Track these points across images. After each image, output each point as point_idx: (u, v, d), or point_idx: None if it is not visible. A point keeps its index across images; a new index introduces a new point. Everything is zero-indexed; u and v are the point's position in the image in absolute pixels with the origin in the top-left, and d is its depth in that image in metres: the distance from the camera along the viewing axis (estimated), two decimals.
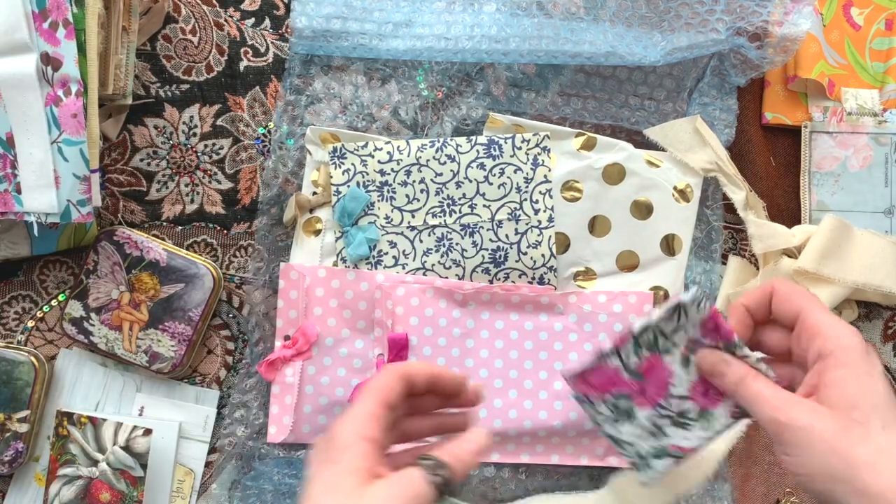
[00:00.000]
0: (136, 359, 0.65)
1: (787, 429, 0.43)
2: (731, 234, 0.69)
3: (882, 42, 0.69)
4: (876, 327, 0.68)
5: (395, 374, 0.48)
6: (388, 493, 0.43)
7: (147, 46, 0.68)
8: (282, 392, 0.65)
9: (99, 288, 0.65)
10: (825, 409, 0.43)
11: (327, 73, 0.68)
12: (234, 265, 0.68)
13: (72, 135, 0.59)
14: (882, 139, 0.68)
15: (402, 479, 0.44)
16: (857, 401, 0.43)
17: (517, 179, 0.66)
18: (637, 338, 0.51)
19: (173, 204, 0.68)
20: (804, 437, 0.43)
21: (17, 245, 0.65)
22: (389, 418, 0.47)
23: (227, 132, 0.68)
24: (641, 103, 0.68)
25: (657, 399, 0.52)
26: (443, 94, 0.67)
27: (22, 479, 0.65)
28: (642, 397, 0.52)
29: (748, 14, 0.64)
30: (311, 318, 0.65)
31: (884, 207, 0.68)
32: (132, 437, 0.62)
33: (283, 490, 0.64)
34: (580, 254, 0.66)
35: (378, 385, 0.47)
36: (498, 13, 0.65)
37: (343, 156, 0.66)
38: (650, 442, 0.53)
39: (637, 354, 0.51)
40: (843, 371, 0.43)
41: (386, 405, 0.47)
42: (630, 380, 0.52)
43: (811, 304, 0.46)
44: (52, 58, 0.58)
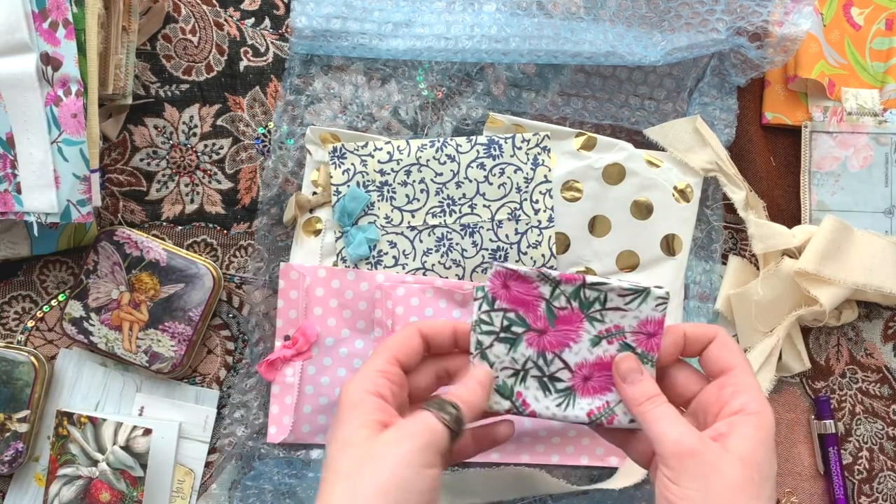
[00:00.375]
0: (136, 359, 0.65)
1: (694, 459, 0.43)
2: (731, 234, 0.69)
3: (882, 42, 0.69)
4: (876, 327, 0.68)
5: (410, 330, 0.47)
6: (400, 437, 0.43)
7: (147, 46, 0.68)
8: (282, 392, 0.65)
9: (99, 288, 0.65)
10: (733, 456, 0.43)
11: (327, 73, 0.68)
12: (234, 265, 0.68)
13: (72, 135, 0.59)
14: (882, 139, 0.68)
15: (414, 422, 0.43)
16: (761, 464, 0.43)
17: (517, 179, 0.66)
18: (584, 287, 0.49)
19: (173, 204, 0.68)
20: (707, 472, 0.42)
21: (17, 245, 0.65)
22: (400, 375, 0.46)
23: (227, 132, 0.68)
24: (641, 103, 0.68)
25: (547, 349, 0.50)
26: (443, 94, 0.67)
27: (22, 479, 0.66)
28: (537, 337, 0.50)
29: (748, 14, 0.64)
30: (311, 318, 0.65)
31: (884, 207, 0.68)
32: (132, 437, 0.62)
33: (283, 490, 0.64)
34: (580, 254, 0.66)
35: (391, 341, 0.47)
36: (498, 13, 0.65)
37: (343, 156, 0.66)
38: (506, 376, 0.51)
39: (569, 301, 0.50)
40: (759, 433, 0.44)
41: (397, 361, 0.46)
42: (541, 315, 0.50)
43: (746, 365, 0.47)
44: (52, 58, 0.58)
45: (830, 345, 0.68)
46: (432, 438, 0.43)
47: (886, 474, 0.67)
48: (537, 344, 0.50)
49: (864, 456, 0.68)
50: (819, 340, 0.68)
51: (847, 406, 0.68)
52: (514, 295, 0.50)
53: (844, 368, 0.68)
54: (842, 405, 0.68)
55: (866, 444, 0.68)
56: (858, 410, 0.68)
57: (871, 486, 0.67)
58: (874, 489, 0.67)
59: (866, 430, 0.68)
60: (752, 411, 0.45)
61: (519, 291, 0.50)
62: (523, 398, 0.50)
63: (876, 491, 0.67)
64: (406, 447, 0.42)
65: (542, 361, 0.50)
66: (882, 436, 0.68)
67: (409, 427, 0.43)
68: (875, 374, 0.68)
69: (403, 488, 0.41)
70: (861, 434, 0.68)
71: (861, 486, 0.67)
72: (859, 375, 0.68)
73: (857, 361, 0.68)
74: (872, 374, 0.68)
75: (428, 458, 0.42)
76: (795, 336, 0.67)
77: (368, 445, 0.43)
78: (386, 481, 0.41)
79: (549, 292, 0.50)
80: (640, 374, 0.48)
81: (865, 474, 0.67)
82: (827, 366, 0.68)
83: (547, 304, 0.50)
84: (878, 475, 0.67)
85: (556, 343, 0.50)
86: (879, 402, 0.68)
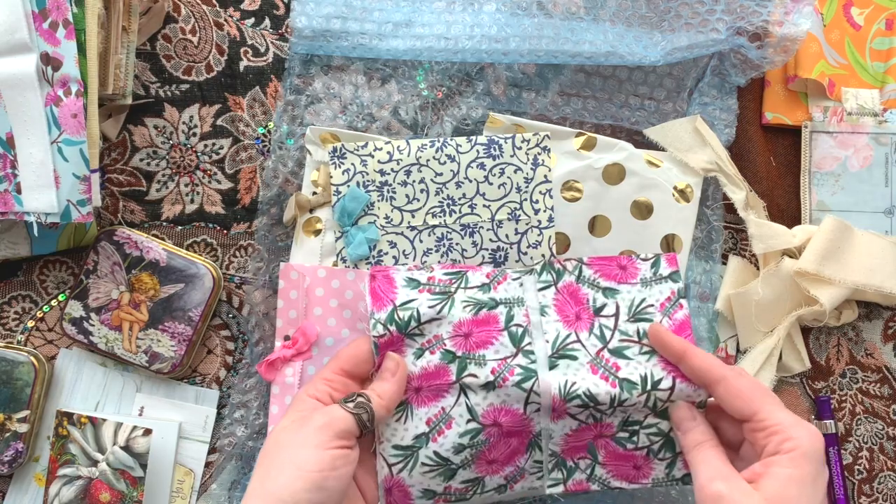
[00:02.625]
0: (136, 359, 0.65)
1: (722, 500, 0.45)
2: (731, 234, 0.69)
3: (882, 42, 0.69)
4: (876, 327, 0.68)
5: (360, 341, 0.56)
6: (297, 423, 0.51)
7: (147, 46, 0.68)
8: (282, 392, 0.65)
9: (99, 288, 0.65)
10: (759, 496, 0.45)
11: (327, 73, 0.68)
12: (234, 265, 0.68)
13: (72, 135, 0.59)
14: (882, 139, 0.68)
15: (325, 412, 0.51)
16: (790, 500, 0.44)
17: (517, 179, 0.66)
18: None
19: (173, 204, 0.68)
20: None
21: (17, 245, 0.65)
22: (344, 382, 0.55)
23: (226, 132, 0.68)
24: (641, 103, 0.68)
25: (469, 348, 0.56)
26: (443, 94, 0.67)
27: (22, 479, 0.65)
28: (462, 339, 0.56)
29: (748, 14, 0.64)
30: (311, 318, 0.65)
31: (884, 207, 0.68)
32: (132, 438, 0.62)
33: None
34: (580, 253, 0.66)
35: (341, 352, 0.56)
36: (498, 13, 0.65)
37: (343, 156, 0.66)
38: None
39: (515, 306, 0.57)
40: (791, 471, 0.45)
41: (342, 370, 0.55)
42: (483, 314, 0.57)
43: (771, 403, 0.49)
44: (52, 58, 0.58)
45: (830, 345, 0.68)
46: (327, 422, 0.50)
47: (886, 474, 0.67)
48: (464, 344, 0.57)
49: (865, 456, 0.68)
50: (819, 340, 0.68)
51: (847, 406, 0.68)
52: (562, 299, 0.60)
53: (844, 368, 0.68)
54: (842, 405, 0.68)
55: (866, 444, 0.68)
56: (858, 410, 0.68)
57: (871, 486, 0.67)
58: (874, 489, 0.67)
59: (866, 430, 0.68)
60: (786, 449, 0.46)
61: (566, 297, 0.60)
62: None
63: (876, 491, 0.67)
64: (301, 432, 0.50)
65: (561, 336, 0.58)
66: (882, 436, 0.68)
67: (314, 416, 0.51)
68: (875, 374, 0.68)
69: (294, 469, 0.47)
70: (861, 434, 0.68)
71: (861, 486, 0.67)
72: (859, 375, 0.68)
73: (858, 361, 0.68)
74: (872, 374, 0.68)
75: (322, 440, 0.49)
76: (795, 336, 0.67)
77: (278, 433, 0.51)
78: (282, 462, 0.48)
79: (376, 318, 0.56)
80: (692, 422, 0.51)
81: (865, 474, 0.67)
82: (827, 366, 0.68)
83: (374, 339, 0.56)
84: (878, 475, 0.67)
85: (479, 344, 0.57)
86: (879, 402, 0.68)
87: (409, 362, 0.56)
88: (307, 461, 0.48)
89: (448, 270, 0.59)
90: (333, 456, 0.49)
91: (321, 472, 0.48)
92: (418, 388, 0.56)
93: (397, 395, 0.54)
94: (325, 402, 0.53)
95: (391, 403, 0.54)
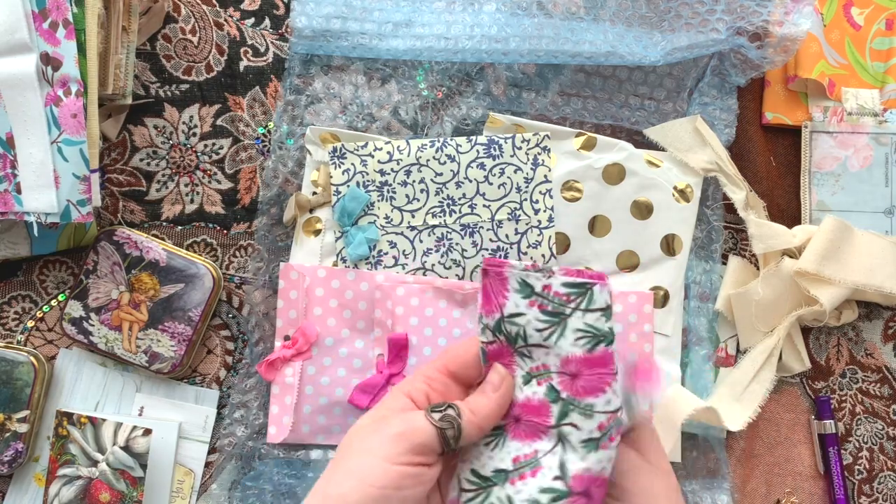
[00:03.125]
0: (136, 359, 0.65)
1: None
2: (731, 234, 0.69)
3: (882, 42, 0.69)
4: (876, 327, 0.68)
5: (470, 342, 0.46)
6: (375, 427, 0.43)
7: (147, 46, 0.68)
8: (281, 392, 0.65)
9: (99, 288, 0.65)
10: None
11: (327, 73, 0.68)
12: (234, 265, 0.68)
13: (72, 135, 0.59)
14: (882, 139, 0.68)
15: (406, 420, 0.43)
16: None
17: (517, 179, 0.66)
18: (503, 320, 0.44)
19: (173, 204, 0.68)
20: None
21: (17, 245, 0.65)
22: (446, 383, 0.46)
23: (226, 132, 0.68)
24: (641, 103, 0.68)
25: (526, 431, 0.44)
26: (443, 94, 0.67)
27: (22, 479, 0.65)
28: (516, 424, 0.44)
29: (748, 14, 0.64)
30: (311, 318, 0.65)
31: (884, 207, 0.68)
32: (132, 438, 0.62)
33: (283, 490, 0.64)
34: (580, 254, 0.66)
35: (448, 350, 0.47)
36: (498, 13, 0.65)
37: (343, 156, 0.66)
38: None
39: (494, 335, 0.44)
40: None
41: (447, 370, 0.46)
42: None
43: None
44: (52, 58, 0.58)
45: (830, 345, 0.68)
46: (407, 433, 0.42)
47: (886, 474, 0.67)
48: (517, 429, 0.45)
49: (865, 456, 0.67)
50: (819, 340, 0.68)
51: (847, 406, 0.68)
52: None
53: (844, 368, 0.68)
54: (842, 405, 0.68)
55: (866, 444, 0.68)
56: (858, 410, 0.68)
57: (871, 486, 0.67)
58: (874, 489, 0.67)
59: (866, 430, 0.68)
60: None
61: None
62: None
63: (876, 491, 0.67)
64: (377, 439, 0.42)
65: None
66: (882, 436, 0.68)
67: (393, 421, 0.43)
68: (875, 374, 0.68)
69: (361, 478, 0.41)
70: (861, 434, 0.68)
71: (861, 486, 0.67)
72: (859, 375, 0.68)
73: (857, 361, 0.68)
74: (872, 374, 0.68)
75: (397, 452, 0.42)
76: (795, 336, 0.67)
77: (370, 430, 0.43)
78: (351, 467, 0.42)
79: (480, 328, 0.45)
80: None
81: (865, 474, 0.67)
82: (827, 366, 0.68)
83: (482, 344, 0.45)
84: (878, 475, 0.67)
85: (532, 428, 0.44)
86: (879, 402, 0.68)
87: (517, 385, 0.44)
88: (371, 474, 0.41)
89: (568, 280, 0.43)
90: (402, 474, 0.41)
91: (383, 490, 0.41)
92: (518, 418, 0.44)
93: (495, 415, 0.44)
94: (419, 403, 0.44)
95: (486, 423, 0.44)
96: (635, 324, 0.64)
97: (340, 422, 0.64)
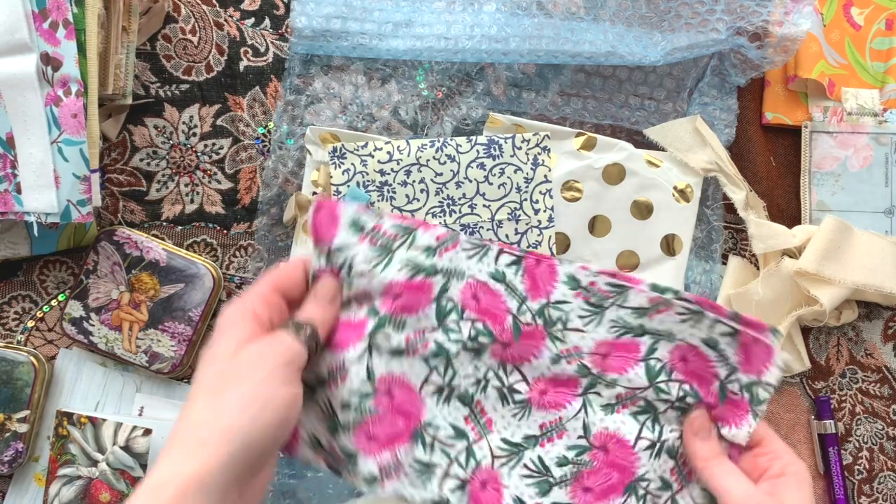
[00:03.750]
0: (136, 359, 0.65)
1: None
2: (731, 234, 0.69)
3: (882, 42, 0.69)
4: (876, 327, 0.68)
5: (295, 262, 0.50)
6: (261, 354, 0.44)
7: (147, 46, 0.68)
8: None
9: (99, 288, 0.65)
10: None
11: (327, 73, 0.68)
12: (234, 265, 0.68)
13: (72, 135, 0.59)
14: (882, 139, 0.68)
15: (273, 340, 0.45)
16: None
17: (517, 179, 0.66)
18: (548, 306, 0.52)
19: (173, 204, 0.68)
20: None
21: (17, 245, 0.65)
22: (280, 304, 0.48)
23: (226, 132, 0.68)
24: (641, 103, 0.68)
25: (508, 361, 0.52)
26: (443, 94, 0.67)
27: (22, 479, 0.65)
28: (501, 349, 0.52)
29: (748, 14, 0.64)
30: None
31: (884, 207, 0.68)
32: (132, 438, 0.62)
33: (283, 490, 0.64)
34: (580, 254, 0.66)
35: (274, 272, 0.49)
36: (498, 13, 0.65)
37: (343, 156, 0.66)
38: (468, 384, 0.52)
39: (534, 318, 0.52)
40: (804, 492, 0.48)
41: (278, 290, 0.48)
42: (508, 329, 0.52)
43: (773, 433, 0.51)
44: (52, 58, 0.58)
45: (830, 345, 0.68)
46: (291, 357, 0.44)
47: (886, 474, 0.67)
48: (500, 355, 0.52)
49: (864, 456, 0.68)
50: (819, 340, 0.68)
51: (847, 406, 0.68)
52: (484, 307, 0.51)
53: (844, 368, 0.68)
54: (842, 405, 0.68)
55: (866, 444, 0.68)
56: (858, 410, 0.68)
57: (871, 486, 0.67)
58: (874, 489, 0.67)
59: (866, 430, 0.68)
60: (793, 472, 0.48)
61: (488, 304, 0.51)
62: (482, 406, 0.52)
63: (876, 491, 0.67)
64: (267, 365, 0.43)
65: (503, 372, 0.52)
66: (882, 436, 0.68)
67: (269, 345, 0.45)
68: (875, 374, 0.68)
69: (262, 404, 0.42)
70: (861, 434, 0.68)
71: (861, 486, 0.67)
72: (859, 375, 0.68)
73: (857, 361, 0.68)
74: (872, 374, 0.68)
75: (287, 376, 0.44)
76: (795, 336, 0.67)
77: (228, 361, 0.44)
78: (245, 395, 0.42)
79: (517, 307, 0.51)
80: (709, 433, 0.51)
81: (865, 474, 0.67)
82: (827, 366, 0.68)
83: (514, 319, 0.51)
84: (878, 475, 0.67)
85: (518, 357, 0.52)
86: (879, 402, 0.68)
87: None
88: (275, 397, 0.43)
89: (398, 223, 0.51)
90: (294, 394, 0.44)
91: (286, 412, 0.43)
92: (544, 391, 0.52)
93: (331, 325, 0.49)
94: (264, 325, 0.46)
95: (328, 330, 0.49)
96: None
97: None
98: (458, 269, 0.51)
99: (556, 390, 0.52)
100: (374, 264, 0.50)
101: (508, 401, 0.52)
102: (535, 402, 0.52)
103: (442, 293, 0.51)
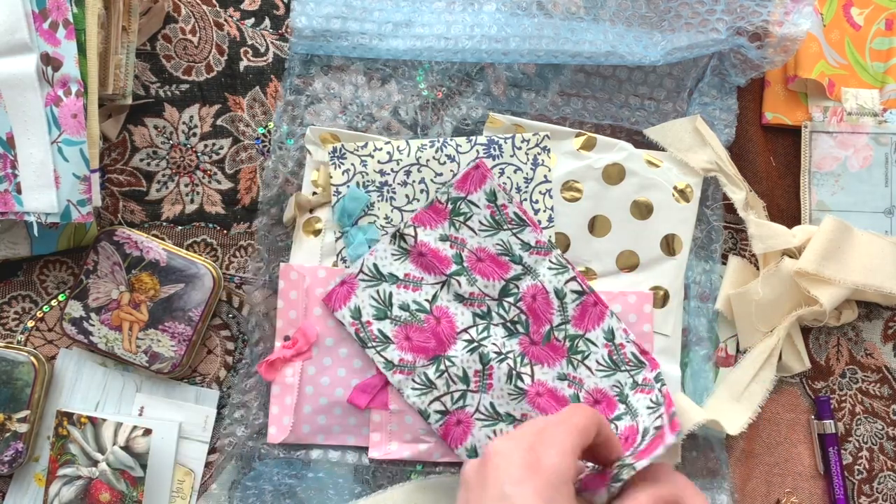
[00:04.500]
0: (136, 359, 0.65)
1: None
2: (731, 234, 0.69)
3: (882, 42, 0.69)
4: (876, 327, 0.68)
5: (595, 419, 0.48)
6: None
7: (147, 46, 0.68)
8: (282, 392, 0.65)
9: (99, 288, 0.65)
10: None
11: (327, 73, 0.68)
12: (234, 265, 0.68)
13: (72, 135, 0.59)
14: (882, 139, 0.68)
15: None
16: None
17: (517, 179, 0.66)
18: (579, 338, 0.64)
19: (173, 204, 0.68)
20: None
21: (17, 245, 0.65)
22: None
23: (227, 132, 0.68)
24: (641, 103, 0.68)
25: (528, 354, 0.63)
26: (443, 94, 0.67)
27: (22, 479, 0.66)
28: (529, 343, 0.64)
29: (748, 14, 0.64)
30: (311, 318, 0.65)
31: (884, 207, 0.68)
32: (132, 438, 0.62)
33: (283, 490, 0.64)
34: (580, 254, 0.66)
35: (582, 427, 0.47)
36: (498, 13, 0.65)
37: (343, 156, 0.66)
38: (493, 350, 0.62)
39: (566, 337, 0.64)
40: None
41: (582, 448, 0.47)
42: (542, 332, 0.64)
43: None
44: (52, 58, 0.58)
45: (830, 345, 0.68)
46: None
47: (886, 474, 0.67)
48: (525, 347, 0.63)
49: (864, 456, 0.68)
50: (819, 340, 0.68)
51: (847, 406, 0.68)
52: (536, 307, 0.63)
53: (844, 368, 0.68)
54: (842, 405, 0.68)
55: (866, 444, 0.68)
56: (858, 410, 0.68)
57: (871, 486, 0.67)
58: (874, 489, 0.67)
59: (866, 430, 0.68)
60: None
61: (540, 307, 0.63)
62: (492, 372, 0.62)
63: (876, 491, 0.67)
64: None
65: (520, 360, 0.63)
66: (882, 436, 0.68)
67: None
68: (875, 374, 0.68)
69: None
70: (861, 434, 0.68)
71: (861, 486, 0.67)
72: (859, 375, 0.68)
73: (857, 361, 0.68)
74: (872, 374, 0.68)
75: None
76: (795, 336, 0.67)
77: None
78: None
79: (558, 323, 0.63)
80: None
81: (865, 474, 0.67)
82: (827, 366, 0.68)
83: (551, 329, 0.63)
84: (878, 475, 0.67)
85: (537, 357, 0.63)
86: (879, 402, 0.68)
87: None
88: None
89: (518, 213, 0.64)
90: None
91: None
92: (422, 254, 0.64)
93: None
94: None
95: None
96: (635, 324, 0.64)
97: (340, 422, 0.64)
98: (536, 270, 0.63)
99: (549, 400, 0.62)
100: (481, 229, 0.63)
101: (511, 382, 0.62)
102: (529, 397, 0.62)
103: (514, 279, 0.64)
